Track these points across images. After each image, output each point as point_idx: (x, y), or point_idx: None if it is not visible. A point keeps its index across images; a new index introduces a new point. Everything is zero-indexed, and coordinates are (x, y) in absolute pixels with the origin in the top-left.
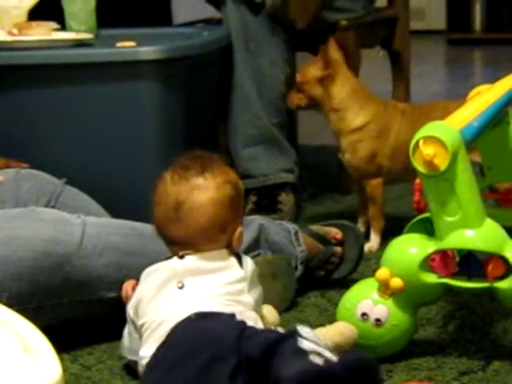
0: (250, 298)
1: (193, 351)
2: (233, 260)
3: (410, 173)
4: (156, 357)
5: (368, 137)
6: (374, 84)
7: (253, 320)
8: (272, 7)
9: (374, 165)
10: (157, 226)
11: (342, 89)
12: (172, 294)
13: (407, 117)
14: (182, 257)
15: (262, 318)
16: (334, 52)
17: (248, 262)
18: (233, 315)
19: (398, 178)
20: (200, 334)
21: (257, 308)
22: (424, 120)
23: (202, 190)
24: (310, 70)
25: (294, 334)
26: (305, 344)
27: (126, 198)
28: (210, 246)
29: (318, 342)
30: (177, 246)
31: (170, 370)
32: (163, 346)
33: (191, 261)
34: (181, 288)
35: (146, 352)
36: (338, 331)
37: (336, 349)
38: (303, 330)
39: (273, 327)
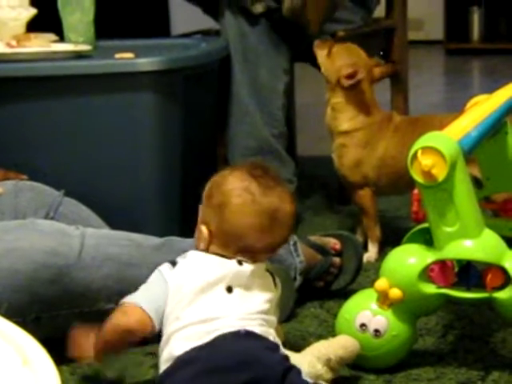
0: (274, 318)
1: (238, 366)
2: (270, 278)
3: (398, 187)
4: (197, 355)
5: (353, 144)
6: None
7: (272, 338)
8: (290, 10)
9: (358, 173)
10: (238, 234)
11: (347, 92)
12: (219, 296)
13: (400, 131)
14: (240, 263)
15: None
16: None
17: (278, 281)
18: (278, 346)
19: (387, 192)
20: (249, 354)
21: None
22: (417, 137)
23: (286, 202)
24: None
25: None
26: None
27: (124, 209)
28: (266, 257)
29: None
30: (245, 254)
31: (209, 372)
32: (207, 347)
33: (247, 271)
34: (229, 292)
35: (181, 345)
36: (341, 345)
37: (339, 362)
38: None
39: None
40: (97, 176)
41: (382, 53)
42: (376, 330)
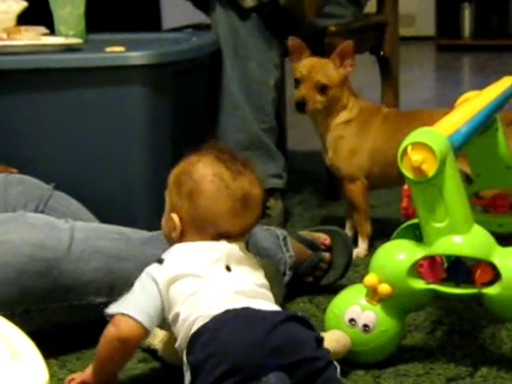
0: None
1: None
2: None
3: (389, 178)
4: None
5: (349, 134)
6: (362, 90)
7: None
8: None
9: (353, 164)
10: (212, 220)
11: (348, 87)
12: (222, 276)
13: (388, 122)
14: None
15: None
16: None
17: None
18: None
19: (379, 184)
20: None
21: None
22: (405, 127)
23: (255, 184)
24: (332, 72)
25: None
26: None
27: (114, 203)
28: (241, 239)
29: None
30: (221, 238)
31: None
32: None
33: (237, 248)
34: (229, 271)
35: (195, 316)
36: (334, 339)
37: (331, 356)
38: None
39: None
40: (87, 170)
41: (382, 52)
42: (365, 325)
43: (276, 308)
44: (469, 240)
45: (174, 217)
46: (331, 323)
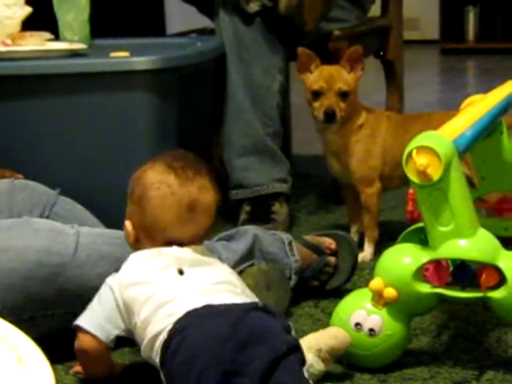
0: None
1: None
2: (214, 256)
3: (402, 178)
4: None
5: (364, 136)
6: (367, 94)
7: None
8: (286, 7)
9: (369, 167)
10: (160, 227)
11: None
12: (173, 279)
13: (392, 122)
14: (180, 246)
15: None
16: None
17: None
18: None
19: (391, 184)
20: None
21: None
22: (404, 130)
23: (206, 190)
24: (347, 78)
25: None
26: None
27: (120, 208)
28: (200, 243)
29: None
30: (178, 245)
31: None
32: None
33: (188, 251)
34: (181, 274)
35: (157, 326)
36: (332, 335)
37: (330, 352)
38: None
39: None
40: (92, 175)
41: (382, 53)
42: (371, 330)
43: (239, 300)
44: (474, 244)
45: (127, 224)
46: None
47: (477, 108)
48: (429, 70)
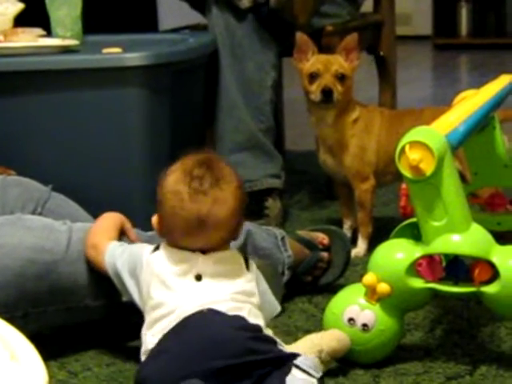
0: (257, 300)
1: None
2: (243, 262)
3: (395, 174)
4: (165, 345)
5: (359, 131)
6: (360, 89)
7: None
8: (277, 2)
9: (363, 162)
10: (174, 235)
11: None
12: (188, 285)
13: (385, 117)
14: (204, 252)
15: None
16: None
17: (253, 263)
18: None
19: (385, 179)
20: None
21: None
22: (397, 125)
23: (221, 203)
24: (344, 64)
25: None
26: None
27: (112, 204)
28: (224, 248)
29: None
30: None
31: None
32: (172, 332)
33: (212, 260)
34: (198, 280)
35: (152, 338)
36: (334, 337)
37: (331, 354)
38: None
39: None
40: (84, 171)
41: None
42: (364, 325)
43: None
44: (467, 238)
45: (153, 218)
46: (330, 323)
47: (469, 103)
48: (421, 65)
